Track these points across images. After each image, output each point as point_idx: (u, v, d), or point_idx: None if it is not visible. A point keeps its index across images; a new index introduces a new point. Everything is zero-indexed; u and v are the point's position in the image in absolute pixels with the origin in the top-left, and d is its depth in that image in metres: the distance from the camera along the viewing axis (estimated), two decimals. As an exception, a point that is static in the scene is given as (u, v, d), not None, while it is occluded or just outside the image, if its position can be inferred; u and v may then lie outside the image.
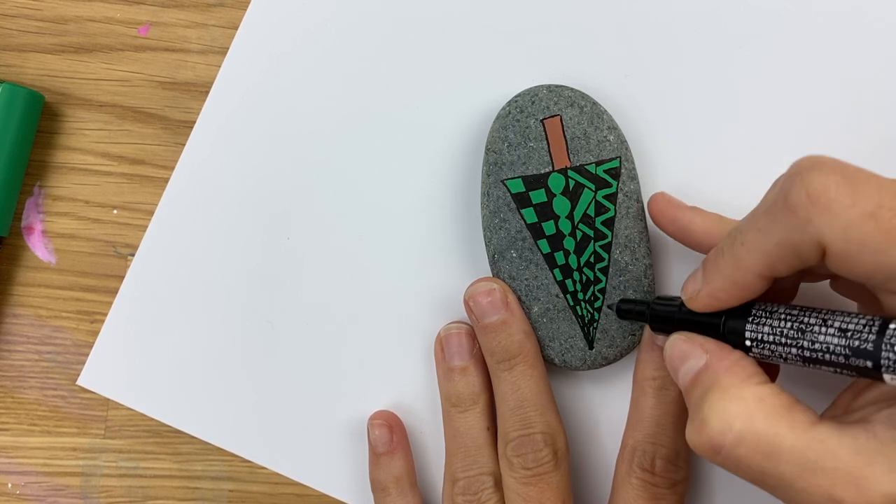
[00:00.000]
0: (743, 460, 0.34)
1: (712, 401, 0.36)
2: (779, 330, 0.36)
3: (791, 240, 0.34)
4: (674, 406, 0.46)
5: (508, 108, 0.47)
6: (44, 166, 0.50)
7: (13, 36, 0.50)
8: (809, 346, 0.35)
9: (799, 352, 0.35)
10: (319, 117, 0.50)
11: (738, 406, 0.35)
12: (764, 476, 0.34)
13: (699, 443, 0.36)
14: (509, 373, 0.45)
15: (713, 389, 0.36)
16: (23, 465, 0.51)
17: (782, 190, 0.35)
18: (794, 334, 0.36)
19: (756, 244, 0.36)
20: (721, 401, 0.35)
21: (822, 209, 0.33)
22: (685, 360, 0.39)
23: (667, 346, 0.41)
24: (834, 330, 0.34)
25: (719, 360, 0.38)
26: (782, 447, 0.33)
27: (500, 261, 0.47)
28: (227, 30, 0.51)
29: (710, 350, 0.38)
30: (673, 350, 0.40)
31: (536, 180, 0.47)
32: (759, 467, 0.34)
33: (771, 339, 0.37)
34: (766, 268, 0.36)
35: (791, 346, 0.36)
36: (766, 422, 0.34)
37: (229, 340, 0.50)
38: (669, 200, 0.46)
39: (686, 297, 0.40)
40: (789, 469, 0.33)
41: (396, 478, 0.48)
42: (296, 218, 0.50)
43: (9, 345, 0.51)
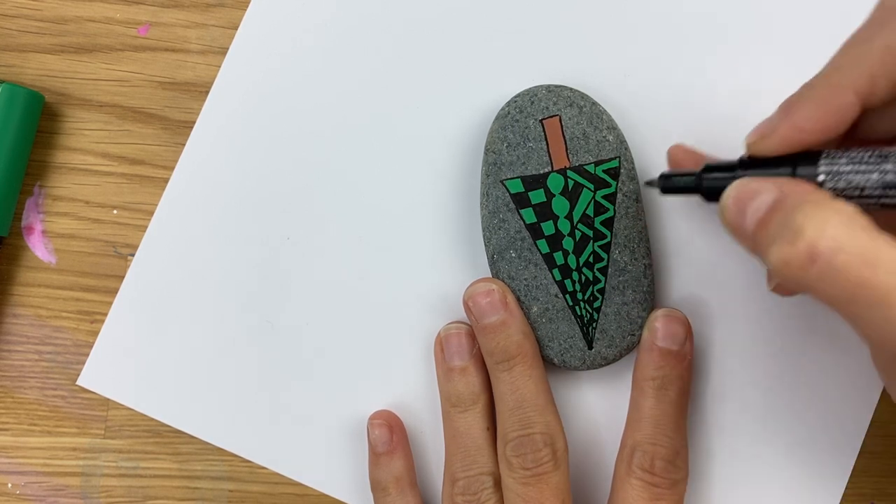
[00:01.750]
0: (842, 269, 0.32)
1: (806, 210, 0.33)
2: (858, 158, 0.35)
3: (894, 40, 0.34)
4: (673, 407, 0.46)
5: (508, 108, 0.47)
6: (44, 166, 0.50)
7: (13, 36, 0.50)
8: (893, 168, 0.34)
9: (881, 177, 0.34)
10: (319, 117, 0.50)
11: (836, 215, 0.32)
12: (861, 289, 0.31)
13: (793, 254, 0.33)
14: (508, 373, 0.45)
15: (804, 204, 0.33)
16: (23, 465, 0.51)
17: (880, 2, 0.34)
18: (875, 160, 0.35)
19: (854, 58, 0.35)
20: (817, 210, 0.33)
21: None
22: (755, 196, 0.36)
23: (728, 190, 0.38)
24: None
25: (798, 187, 0.35)
26: (882, 256, 0.31)
27: (499, 261, 0.47)
28: (227, 30, 0.51)
29: (784, 184, 0.36)
30: (738, 191, 0.37)
31: (535, 180, 0.46)
32: (858, 276, 0.31)
33: (849, 169, 0.35)
34: (866, 82, 0.35)
35: (872, 172, 0.35)
36: (864, 232, 0.32)
37: (229, 340, 0.50)
38: (689, 150, 0.45)
39: (756, 138, 0.38)
40: (888, 280, 0.31)
41: (396, 478, 0.48)
42: (296, 218, 0.50)
43: (9, 345, 0.51)
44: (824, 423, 0.50)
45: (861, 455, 0.50)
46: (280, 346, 0.50)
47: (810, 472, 0.50)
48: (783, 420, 0.50)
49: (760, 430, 0.50)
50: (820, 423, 0.50)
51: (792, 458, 0.50)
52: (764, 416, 0.50)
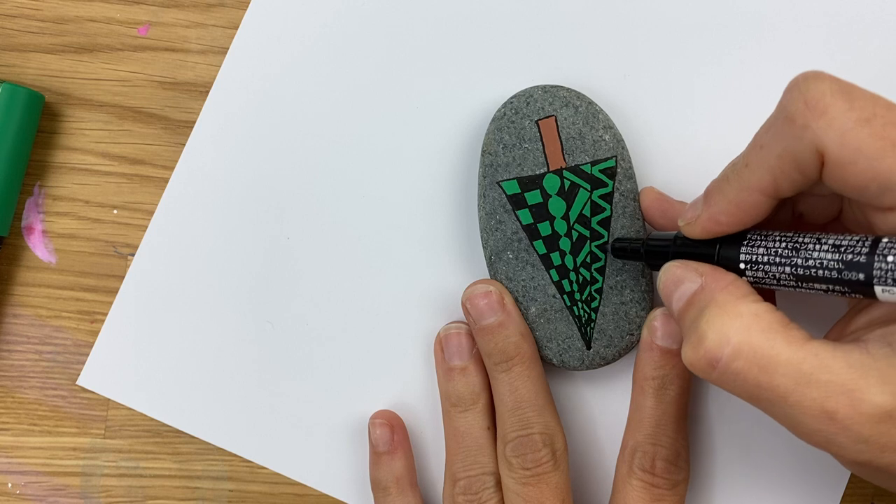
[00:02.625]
0: (739, 374, 0.35)
1: (709, 316, 0.36)
2: (773, 250, 0.37)
3: (791, 149, 0.35)
4: (674, 406, 0.46)
5: (504, 109, 0.47)
6: (44, 166, 0.51)
7: (13, 36, 0.51)
8: (803, 264, 0.35)
9: (793, 270, 0.36)
10: (318, 118, 0.50)
11: (736, 321, 0.35)
12: (759, 390, 0.34)
13: (696, 358, 0.36)
14: (507, 374, 0.45)
15: (710, 307, 0.37)
16: (23, 465, 0.51)
17: (781, 103, 0.36)
18: (788, 253, 0.36)
19: (759, 161, 0.37)
20: (718, 316, 0.36)
21: (819, 114, 0.34)
22: (679, 285, 0.39)
23: (661, 273, 0.41)
24: (828, 246, 0.35)
25: (714, 280, 0.38)
26: (778, 360, 0.34)
27: (496, 262, 0.47)
28: (227, 30, 0.51)
29: (704, 273, 0.39)
30: (667, 276, 0.40)
31: (532, 181, 0.46)
32: (756, 380, 0.34)
33: (765, 260, 0.37)
34: (769, 184, 0.37)
35: (785, 264, 0.36)
36: (762, 336, 0.34)
37: (229, 340, 0.50)
38: (660, 195, 0.47)
39: (684, 223, 0.41)
40: (784, 382, 0.33)
41: (397, 477, 0.48)
42: (296, 218, 0.50)
43: (9, 345, 0.51)
44: (825, 424, 0.50)
45: (861, 455, 0.50)
46: (280, 346, 0.50)
47: (810, 472, 0.50)
48: (784, 420, 0.50)
49: (760, 430, 0.50)
50: (820, 423, 0.50)
51: (792, 458, 0.50)
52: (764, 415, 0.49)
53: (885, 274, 0.32)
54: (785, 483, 0.50)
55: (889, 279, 0.32)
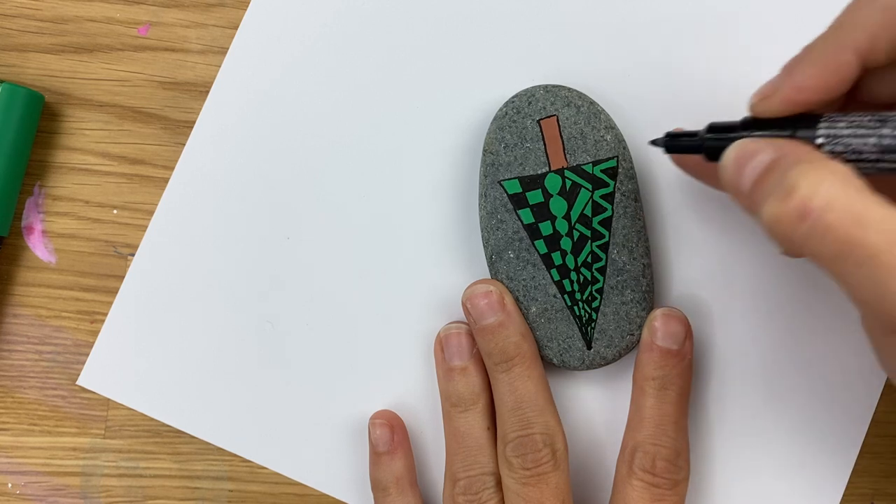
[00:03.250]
0: (831, 227, 0.32)
1: (801, 169, 0.34)
2: (857, 123, 0.35)
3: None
4: (674, 406, 0.46)
5: (505, 108, 0.47)
6: (44, 166, 0.50)
7: (13, 36, 0.50)
8: (891, 133, 0.34)
9: (878, 141, 0.35)
10: (319, 118, 0.50)
11: (830, 175, 0.33)
12: (850, 247, 0.32)
13: (784, 210, 0.33)
14: (507, 374, 0.45)
15: (800, 163, 0.34)
16: (23, 465, 0.51)
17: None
18: (873, 124, 0.35)
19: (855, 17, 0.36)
20: (812, 169, 0.33)
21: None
22: (755, 155, 0.37)
23: (728, 151, 0.39)
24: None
25: (796, 147, 0.36)
26: (872, 216, 0.32)
27: (497, 261, 0.47)
28: (227, 30, 0.51)
29: (782, 145, 0.36)
30: (739, 149, 0.38)
31: (533, 181, 0.46)
32: (847, 235, 0.32)
33: (848, 133, 0.36)
34: (866, 42, 0.35)
35: (870, 135, 0.35)
36: (857, 192, 0.33)
37: (229, 340, 0.50)
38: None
39: (759, 98, 0.39)
40: (878, 239, 0.31)
41: (397, 477, 0.48)
42: (296, 218, 0.50)
43: (9, 345, 0.51)
44: (824, 423, 0.50)
45: (861, 455, 0.50)
46: (280, 346, 0.50)
47: (810, 472, 0.50)
48: (784, 420, 0.50)
49: (761, 430, 0.50)
50: (820, 422, 0.50)
51: (792, 457, 0.50)
52: (764, 415, 0.50)
53: None
54: (785, 483, 0.50)
55: None
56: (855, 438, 0.50)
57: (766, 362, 0.50)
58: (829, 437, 0.50)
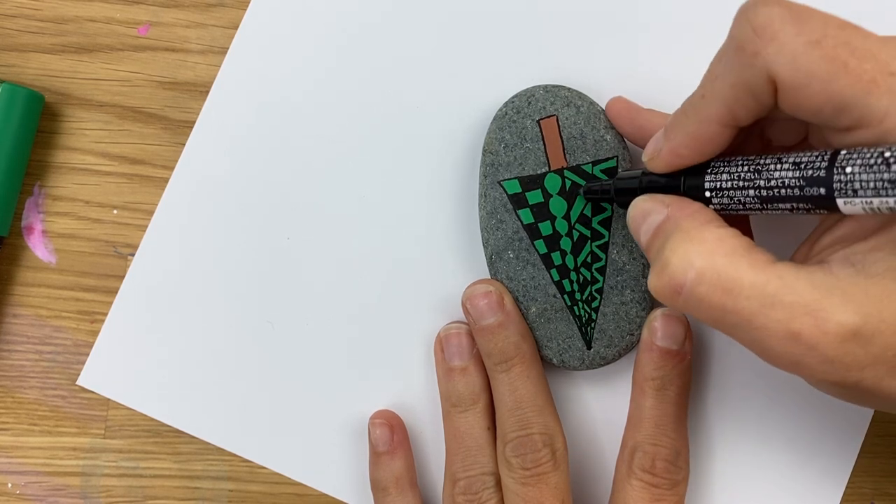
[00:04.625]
0: (704, 298, 0.34)
1: (673, 244, 0.36)
2: (736, 175, 0.37)
3: (744, 78, 0.35)
4: (673, 406, 0.46)
5: (505, 108, 0.47)
6: (44, 166, 0.50)
7: (13, 36, 0.50)
8: (766, 185, 0.35)
9: (756, 192, 0.36)
10: (319, 118, 0.50)
11: (699, 246, 0.35)
12: (724, 314, 0.34)
13: (660, 285, 0.36)
14: (507, 374, 0.45)
15: (674, 234, 0.36)
16: (23, 465, 0.51)
17: (731, 32, 0.36)
18: (750, 176, 0.36)
19: (713, 92, 0.37)
20: (682, 242, 0.36)
21: (768, 40, 0.34)
22: (647, 217, 0.39)
23: (629, 210, 0.41)
24: (788, 165, 0.35)
25: (679, 209, 0.38)
26: (742, 283, 0.34)
27: (497, 261, 0.47)
28: (227, 30, 0.51)
29: (670, 204, 0.38)
30: (635, 210, 0.40)
31: (533, 181, 0.46)
32: (720, 304, 0.34)
33: (729, 185, 0.37)
34: (726, 114, 0.37)
35: (748, 187, 0.36)
36: (726, 259, 0.34)
37: (229, 340, 0.50)
38: (628, 103, 0.47)
39: (647, 158, 0.41)
40: (748, 304, 0.33)
41: (396, 477, 0.48)
42: (296, 218, 0.50)
43: (9, 345, 0.51)
44: (824, 424, 0.50)
45: (861, 455, 0.50)
46: (280, 346, 0.50)
47: (810, 472, 0.50)
48: (783, 420, 0.50)
49: (760, 430, 0.50)
50: (820, 423, 0.50)
51: (792, 458, 0.50)
52: (764, 415, 0.50)
53: (845, 186, 0.32)
54: (785, 483, 0.50)
55: (849, 190, 0.32)
56: (855, 438, 0.50)
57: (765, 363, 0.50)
58: (829, 437, 0.50)
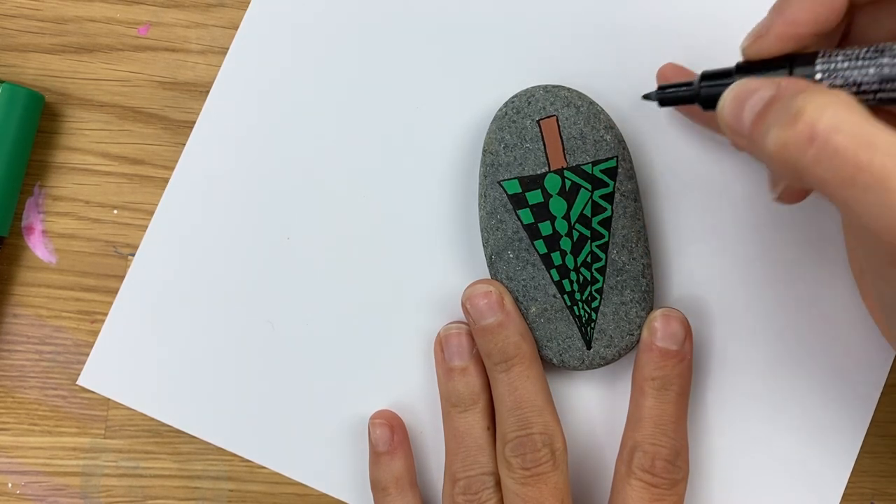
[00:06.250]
0: (839, 150, 0.31)
1: (807, 94, 0.33)
2: (854, 55, 0.35)
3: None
4: (673, 406, 0.46)
5: (505, 108, 0.47)
6: (44, 166, 0.51)
7: (13, 36, 0.51)
8: (890, 62, 0.34)
9: (878, 70, 0.34)
10: (318, 118, 0.50)
11: (836, 98, 0.32)
12: (858, 171, 0.31)
13: (792, 134, 0.33)
14: (506, 374, 0.45)
15: (805, 90, 0.34)
16: (23, 465, 0.51)
17: None
18: (872, 55, 0.35)
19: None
20: (817, 94, 0.33)
21: None
22: (754, 94, 0.36)
23: (727, 93, 0.38)
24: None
25: (795, 82, 0.35)
26: (879, 138, 0.31)
27: (497, 262, 0.47)
28: (227, 30, 0.51)
29: (781, 81, 0.36)
30: (737, 89, 0.37)
31: (533, 181, 0.46)
32: (855, 158, 0.31)
33: (846, 66, 0.35)
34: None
35: (869, 66, 0.35)
36: (862, 116, 0.32)
37: (229, 340, 0.50)
38: (680, 67, 0.46)
39: (752, 40, 0.38)
40: (886, 161, 0.31)
41: (396, 477, 0.48)
42: (296, 218, 0.50)
43: (9, 345, 0.51)
44: (824, 423, 0.50)
45: (861, 455, 0.50)
46: (280, 346, 0.50)
47: (810, 471, 0.50)
48: (783, 420, 0.50)
49: (760, 430, 0.50)
50: (820, 422, 0.50)
51: (792, 457, 0.50)
52: (764, 415, 0.50)
53: None
54: (785, 483, 0.50)
55: None
56: (855, 438, 0.50)
57: (765, 362, 0.50)
58: (829, 437, 0.50)
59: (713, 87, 0.40)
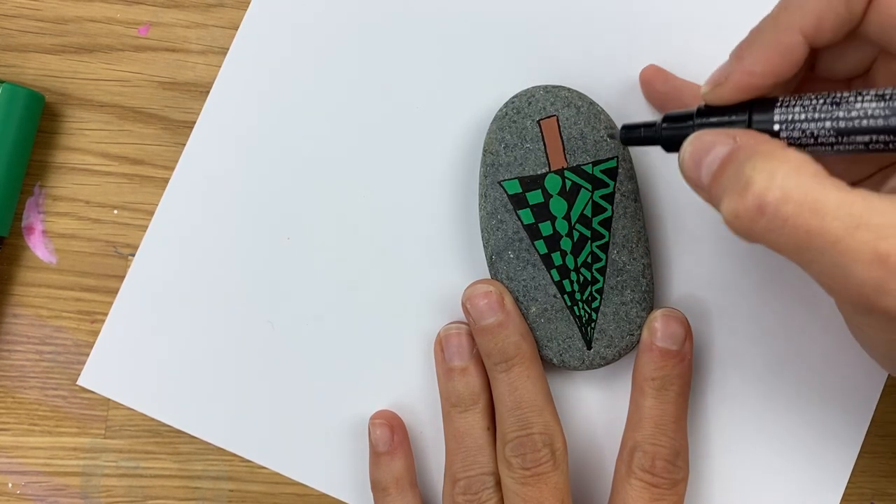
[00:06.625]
0: (789, 219, 0.32)
1: (755, 163, 0.33)
2: (811, 107, 0.35)
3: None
4: (673, 406, 0.46)
5: (505, 109, 0.47)
6: (44, 166, 0.50)
7: (13, 36, 0.51)
8: (845, 116, 0.34)
9: (833, 124, 0.34)
10: (319, 118, 0.50)
11: (784, 164, 0.33)
12: (809, 237, 0.32)
13: (742, 207, 0.33)
14: (507, 374, 0.45)
15: (754, 156, 0.34)
16: (23, 465, 0.51)
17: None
18: (828, 108, 0.35)
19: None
20: (766, 161, 0.33)
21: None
22: (711, 150, 0.36)
23: (686, 144, 0.38)
24: (871, 97, 0.33)
25: (752, 137, 0.35)
26: (828, 203, 0.31)
27: (497, 262, 0.47)
28: (227, 30, 0.51)
29: (738, 135, 0.36)
30: (695, 144, 0.37)
31: (533, 181, 0.46)
32: (806, 225, 0.32)
33: (803, 117, 0.35)
34: (812, 23, 0.35)
35: (825, 119, 0.35)
36: (812, 179, 0.32)
37: (229, 340, 0.50)
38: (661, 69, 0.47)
39: (711, 87, 0.38)
40: (836, 225, 0.31)
41: (396, 478, 0.48)
42: (296, 218, 0.50)
43: (9, 345, 0.51)
44: (824, 424, 0.50)
45: (861, 455, 0.50)
46: (280, 346, 0.50)
47: (810, 472, 0.50)
48: (783, 420, 0.50)
49: (761, 431, 0.50)
50: (820, 423, 0.50)
51: (792, 458, 0.50)
52: (764, 416, 0.50)
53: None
54: (785, 483, 0.50)
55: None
56: (855, 438, 0.50)
57: (765, 362, 0.50)
58: (829, 437, 0.50)
59: (675, 129, 0.40)
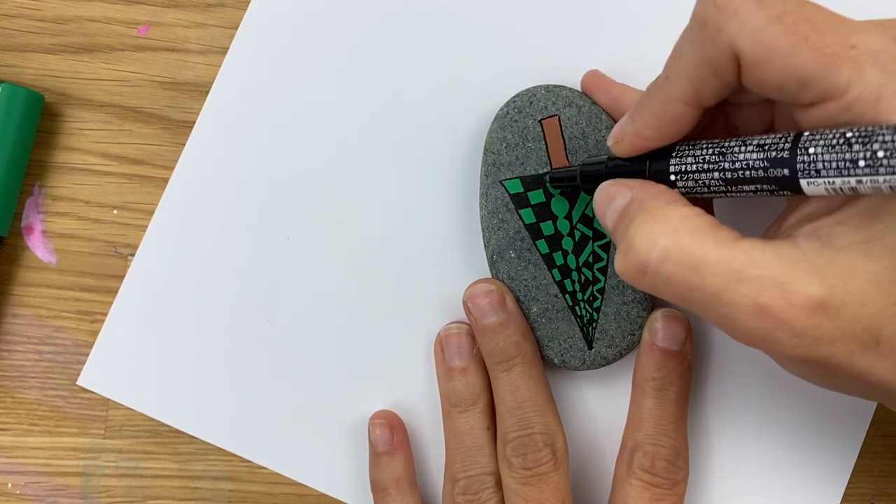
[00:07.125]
0: (670, 277, 0.34)
1: (637, 224, 0.36)
2: (701, 157, 0.37)
3: (707, 55, 0.35)
4: (674, 407, 0.46)
5: (507, 108, 0.47)
6: (44, 166, 0.50)
7: (13, 36, 0.50)
8: (730, 167, 0.35)
9: (721, 175, 0.36)
10: (319, 118, 0.50)
11: (663, 225, 0.35)
12: (691, 292, 0.34)
13: (626, 266, 0.36)
14: (507, 374, 0.45)
15: (638, 215, 0.36)
16: (23, 465, 0.51)
17: (694, 10, 0.36)
18: (715, 158, 0.36)
19: (678, 71, 0.37)
20: (646, 222, 0.36)
21: (730, 16, 0.34)
22: (612, 201, 0.39)
23: (595, 195, 0.41)
24: (752, 147, 0.35)
25: (644, 191, 0.38)
26: (708, 259, 0.33)
27: (498, 261, 0.47)
28: (227, 30, 0.51)
29: (634, 187, 0.38)
30: (601, 195, 0.40)
31: (534, 181, 0.46)
32: (686, 282, 0.34)
33: (694, 168, 0.37)
34: (690, 93, 0.37)
35: (713, 170, 0.36)
36: (690, 237, 0.34)
37: (229, 340, 0.50)
38: (600, 75, 0.48)
39: (613, 142, 0.41)
40: (715, 281, 0.33)
41: (396, 478, 0.48)
42: (296, 218, 0.50)
43: (9, 345, 0.51)
44: (824, 424, 0.50)
45: (861, 455, 0.50)
46: (280, 346, 0.50)
47: (810, 472, 0.50)
48: (783, 420, 0.50)
49: (760, 430, 0.50)
50: (820, 423, 0.50)
51: (792, 458, 0.50)
52: (764, 416, 0.50)
53: (808, 166, 0.32)
54: (785, 483, 0.50)
55: (812, 171, 0.32)
56: (855, 438, 0.50)
57: (765, 362, 0.50)
58: (829, 437, 0.50)
59: (590, 173, 0.43)
